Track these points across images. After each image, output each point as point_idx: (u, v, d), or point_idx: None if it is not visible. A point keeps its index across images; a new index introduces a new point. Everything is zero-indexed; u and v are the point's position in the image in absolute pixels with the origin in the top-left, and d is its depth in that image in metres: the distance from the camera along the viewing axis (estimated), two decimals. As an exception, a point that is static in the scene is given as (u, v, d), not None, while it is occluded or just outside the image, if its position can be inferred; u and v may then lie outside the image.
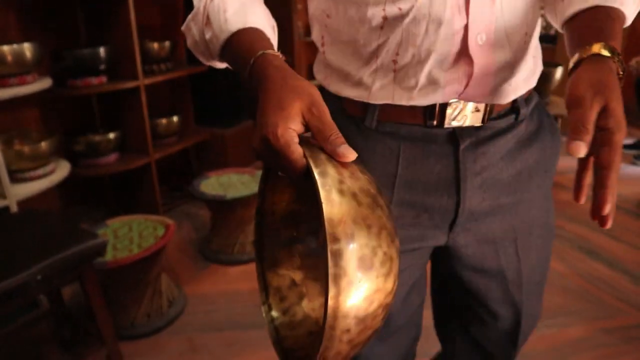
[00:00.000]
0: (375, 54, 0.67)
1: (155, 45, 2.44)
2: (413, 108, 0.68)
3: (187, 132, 2.76)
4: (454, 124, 0.68)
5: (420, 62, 0.65)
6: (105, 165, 2.29)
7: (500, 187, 0.72)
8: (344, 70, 0.71)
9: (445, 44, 0.63)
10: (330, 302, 0.42)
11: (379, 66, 0.67)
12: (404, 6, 0.62)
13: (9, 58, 1.75)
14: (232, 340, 1.73)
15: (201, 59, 0.70)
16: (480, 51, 0.64)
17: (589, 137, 0.46)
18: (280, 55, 0.58)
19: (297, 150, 0.48)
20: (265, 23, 0.65)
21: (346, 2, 0.66)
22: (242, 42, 0.61)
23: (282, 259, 0.65)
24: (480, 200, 0.72)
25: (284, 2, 2.50)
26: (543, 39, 4.74)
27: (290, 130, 0.49)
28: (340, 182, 0.45)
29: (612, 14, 0.57)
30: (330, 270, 0.42)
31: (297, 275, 0.64)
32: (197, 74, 2.66)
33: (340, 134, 0.49)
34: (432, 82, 0.66)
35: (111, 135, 2.28)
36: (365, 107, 0.70)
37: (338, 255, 0.42)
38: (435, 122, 0.68)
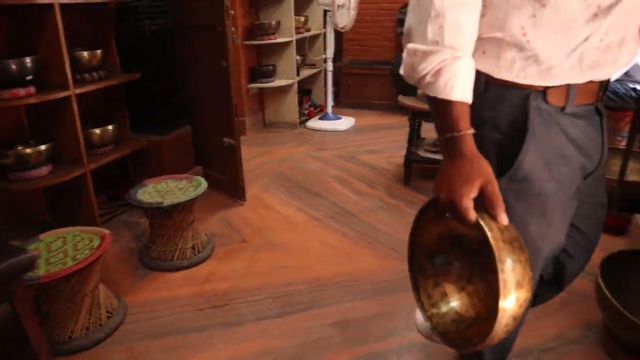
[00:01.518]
0: (583, 41, 0.82)
1: (86, 53, 2.40)
2: (592, 90, 0.90)
3: (123, 140, 2.73)
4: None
5: (618, 43, 0.84)
6: (38, 178, 2.24)
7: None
8: (550, 60, 0.84)
9: (635, 25, 0.85)
10: (500, 307, 0.73)
11: (584, 50, 0.83)
12: None
13: None
14: (174, 346, 1.75)
15: (410, 81, 0.85)
16: None
17: None
18: (471, 134, 0.80)
19: (473, 214, 0.77)
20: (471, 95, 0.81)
21: None
22: (455, 110, 0.80)
23: (426, 269, 0.95)
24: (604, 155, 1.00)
25: (217, 6, 2.52)
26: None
27: (471, 201, 0.77)
28: (502, 233, 0.75)
29: None
30: (501, 291, 0.72)
31: (440, 280, 0.94)
32: (131, 81, 2.63)
33: (502, 203, 0.77)
34: (615, 60, 0.87)
35: (42, 147, 2.23)
36: (566, 94, 0.87)
37: (504, 281, 0.73)
38: (598, 100, 0.93)
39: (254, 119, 4.48)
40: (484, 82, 0.89)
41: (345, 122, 4.56)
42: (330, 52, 4.47)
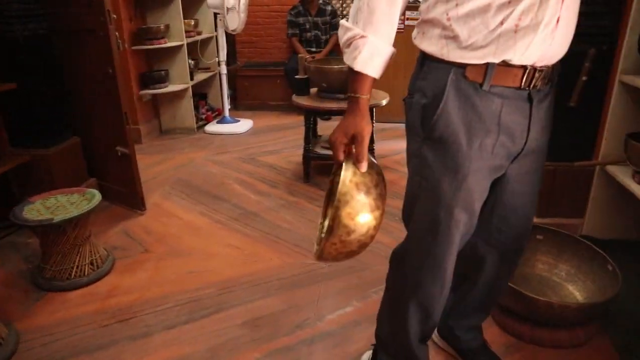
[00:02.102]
0: (501, 22, 0.94)
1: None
2: (515, 75, 1.01)
3: (2, 156, 2.52)
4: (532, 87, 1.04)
5: (535, 26, 0.94)
6: None
7: (542, 132, 1.12)
8: (470, 39, 0.97)
9: (554, 10, 0.94)
10: (333, 216, 0.96)
11: (502, 32, 0.95)
12: None
13: None
14: (76, 367, 1.67)
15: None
16: (564, 16, 0.97)
17: None
18: (366, 98, 1.03)
19: (341, 156, 1.03)
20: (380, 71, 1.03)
21: None
22: (357, 77, 1.02)
23: (327, 206, 1.18)
24: (534, 141, 1.10)
25: (98, 10, 2.41)
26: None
27: (342, 145, 1.03)
28: (354, 175, 0.98)
29: None
30: (330, 214, 0.98)
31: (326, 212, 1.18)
32: (6, 92, 2.44)
33: (363, 155, 1.01)
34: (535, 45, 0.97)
35: None
36: (484, 73, 0.99)
37: (335, 208, 0.95)
38: (523, 85, 1.02)
39: (149, 127, 4.33)
40: (421, 57, 1.09)
41: (244, 125, 4.56)
42: (223, 55, 4.45)
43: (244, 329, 1.82)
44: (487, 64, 0.99)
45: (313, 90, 3.28)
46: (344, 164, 0.99)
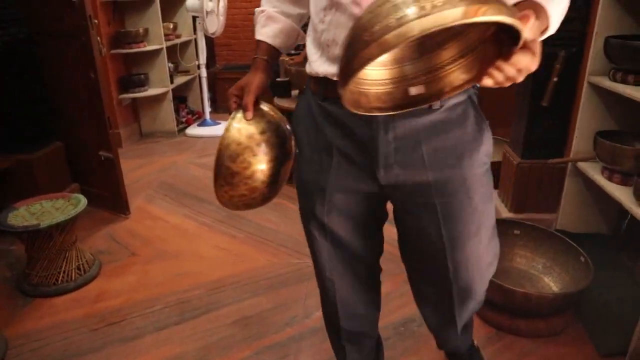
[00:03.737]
0: (320, 36, 0.96)
1: None
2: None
3: (-16, 162, 2.51)
4: None
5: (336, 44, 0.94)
6: None
7: (412, 156, 0.97)
8: (309, 52, 1.03)
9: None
10: (215, 159, 1.02)
11: (323, 44, 0.96)
12: None
13: None
14: (68, 371, 1.68)
15: None
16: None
17: None
18: (263, 59, 1.12)
19: (233, 105, 1.07)
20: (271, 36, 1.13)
21: None
22: (258, 44, 1.15)
23: None
24: (392, 163, 0.97)
25: (79, 15, 2.42)
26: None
27: (233, 93, 1.09)
28: (239, 122, 1.04)
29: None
30: (218, 146, 1.01)
31: None
32: (-14, 98, 2.43)
33: (246, 106, 1.04)
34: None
35: None
36: (320, 86, 1.00)
37: (223, 142, 1.01)
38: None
39: (129, 131, 4.31)
40: None
41: (224, 127, 4.56)
42: (202, 58, 4.46)
43: (235, 327, 1.86)
44: (325, 77, 0.99)
45: (294, 92, 3.33)
46: (233, 112, 1.05)
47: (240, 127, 1.02)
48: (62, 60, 2.68)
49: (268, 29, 1.13)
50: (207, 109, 4.64)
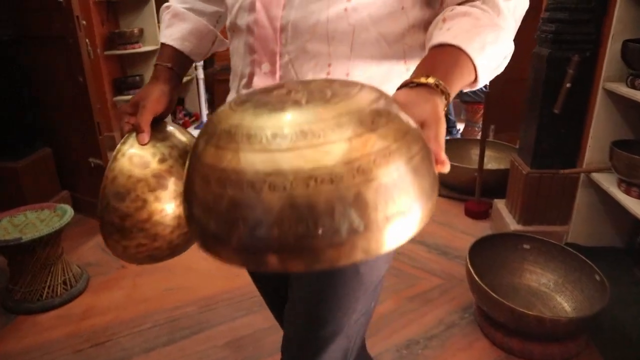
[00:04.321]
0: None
1: None
2: None
3: (-32, 170, 2.40)
4: None
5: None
6: None
7: None
8: None
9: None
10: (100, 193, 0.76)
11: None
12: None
13: None
14: (49, 397, 1.58)
15: None
16: None
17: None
18: (164, 66, 0.89)
19: (126, 127, 0.80)
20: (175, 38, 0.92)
21: None
22: (162, 47, 0.94)
23: None
24: None
25: (66, 17, 2.31)
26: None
27: (126, 111, 0.82)
28: (130, 148, 0.78)
29: (453, 53, 0.61)
30: (103, 180, 0.76)
31: None
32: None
33: (140, 128, 0.78)
34: None
35: None
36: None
37: (109, 174, 0.76)
38: None
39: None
40: None
41: (223, 130, 4.47)
42: (200, 59, 4.35)
43: (226, 350, 1.75)
44: None
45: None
46: (125, 136, 0.80)
47: (132, 155, 0.77)
48: (49, 64, 2.57)
49: (174, 29, 0.92)
50: (205, 111, 4.54)
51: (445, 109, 0.57)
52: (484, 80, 0.64)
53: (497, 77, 0.70)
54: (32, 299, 2.00)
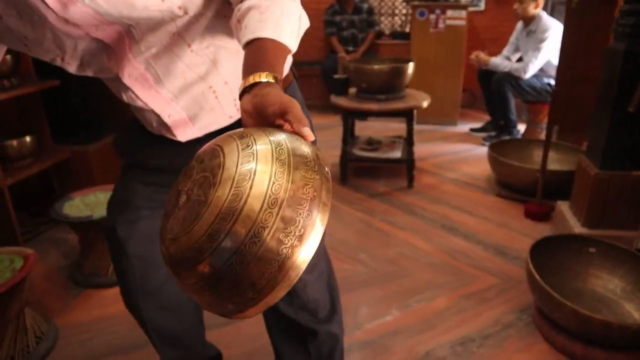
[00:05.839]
0: None
1: (-5, 60, 2.22)
2: None
3: (45, 152, 2.56)
4: None
5: None
6: (-53, 198, 2.05)
7: None
8: None
9: None
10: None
11: None
12: None
13: None
14: (112, 367, 1.66)
15: None
16: None
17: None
18: None
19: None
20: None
21: None
22: None
23: None
24: None
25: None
26: (398, 35, 5.00)
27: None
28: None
29: (260, 45, 0.71)
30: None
31: None
32: (49, 89, 2.47)
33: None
34: None
35: (-50, 164, 2.05)
36: None
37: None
38: None
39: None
40: None
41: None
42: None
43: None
44: None
45: (352, 90, 3.22)
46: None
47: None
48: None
49: None
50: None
51: (283, 89, 0.66)
52: (294, 44, 0.76)
53: (565, 75, 0.70)
54: (99, 274, 2.10)
